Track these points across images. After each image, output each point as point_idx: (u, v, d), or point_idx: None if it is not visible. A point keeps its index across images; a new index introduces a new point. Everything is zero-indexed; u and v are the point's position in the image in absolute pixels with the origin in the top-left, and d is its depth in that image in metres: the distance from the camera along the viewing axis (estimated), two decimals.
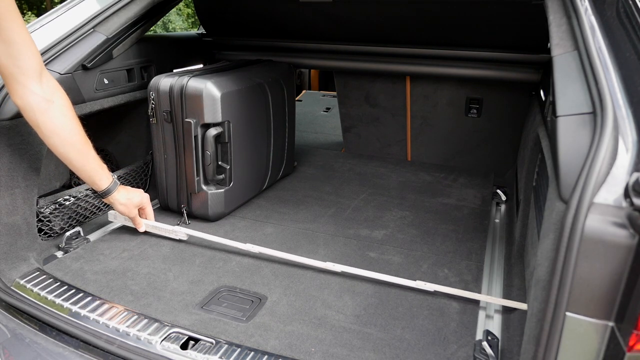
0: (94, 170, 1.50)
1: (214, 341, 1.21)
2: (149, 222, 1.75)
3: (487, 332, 1.26)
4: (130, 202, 1.64)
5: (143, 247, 1.68)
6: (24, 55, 1.24)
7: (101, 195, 1.57)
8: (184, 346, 1.20)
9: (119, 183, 1.60)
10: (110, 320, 1.26)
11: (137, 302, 1.37)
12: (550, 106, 1.20)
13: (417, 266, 1.61)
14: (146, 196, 1.72)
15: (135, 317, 1.28)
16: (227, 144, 1.85)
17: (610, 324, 0.76)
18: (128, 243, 1.71)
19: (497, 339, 1.25)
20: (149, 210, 1.75)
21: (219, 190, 1.88)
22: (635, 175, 0.73)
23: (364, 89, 2.66)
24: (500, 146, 2.52)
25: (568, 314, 0.78)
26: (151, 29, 2.01)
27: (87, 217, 1.82)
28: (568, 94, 0.98)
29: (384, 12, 2.13)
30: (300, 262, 1.57)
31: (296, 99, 3.41)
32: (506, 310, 1.37)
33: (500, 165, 2.54)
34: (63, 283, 1.42)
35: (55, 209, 1.64)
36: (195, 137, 1.79)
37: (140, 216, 1.73)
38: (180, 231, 1.72)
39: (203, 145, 1.81)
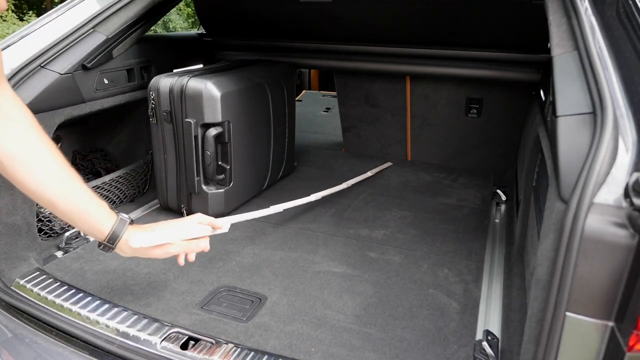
0: (88, 205, 1.06)
1: (214, 341, 1.21)
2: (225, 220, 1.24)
3: (487, 332, 1.26)
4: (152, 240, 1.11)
5: None
6: None
7: (107, 244, 1.09)
8: (184, 346, 1.20)
9: (128, 221, 1.11)
10: (110, 320, 1.26)
11: (137, 302, 1.37)
12: (550, 106, 1.20)
13: (417, 266, 1.61)
14: (188, 225, 1.17)
15: (135, 317, 1.28)
16: (227, 144, 1.85)
17: (610, 324, 0.76)
18: None
19: (497, 339, 1.25)
20: (204, 244, 1.19)
21: (219, 190, 1.88)
22: (635, 175, 0.73)
23: (364, 89, 2.66)
24: (500, 146, 2.52)
25: (568, 314, 0.78)
26: (151, 29, 2.01)
27: None
28: (568, 94, 0.98)
29: (383, 12, 2.13)
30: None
31: (296, 99, 3.41)
32: (506, 310, 1.37)
33: (500, 165, 2.54)
34: (63, 283, 1.42)
35: None
36: (195, 137, 1.79)
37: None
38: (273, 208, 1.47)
39: (203, 145, 1.81)
